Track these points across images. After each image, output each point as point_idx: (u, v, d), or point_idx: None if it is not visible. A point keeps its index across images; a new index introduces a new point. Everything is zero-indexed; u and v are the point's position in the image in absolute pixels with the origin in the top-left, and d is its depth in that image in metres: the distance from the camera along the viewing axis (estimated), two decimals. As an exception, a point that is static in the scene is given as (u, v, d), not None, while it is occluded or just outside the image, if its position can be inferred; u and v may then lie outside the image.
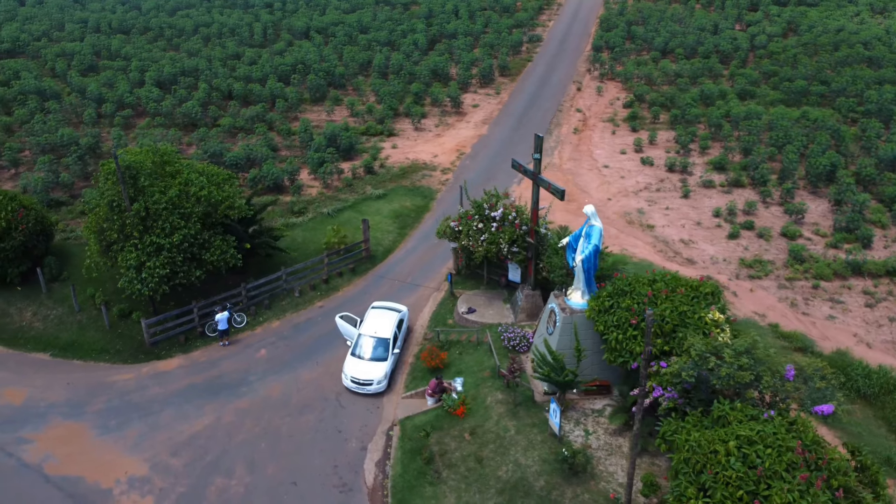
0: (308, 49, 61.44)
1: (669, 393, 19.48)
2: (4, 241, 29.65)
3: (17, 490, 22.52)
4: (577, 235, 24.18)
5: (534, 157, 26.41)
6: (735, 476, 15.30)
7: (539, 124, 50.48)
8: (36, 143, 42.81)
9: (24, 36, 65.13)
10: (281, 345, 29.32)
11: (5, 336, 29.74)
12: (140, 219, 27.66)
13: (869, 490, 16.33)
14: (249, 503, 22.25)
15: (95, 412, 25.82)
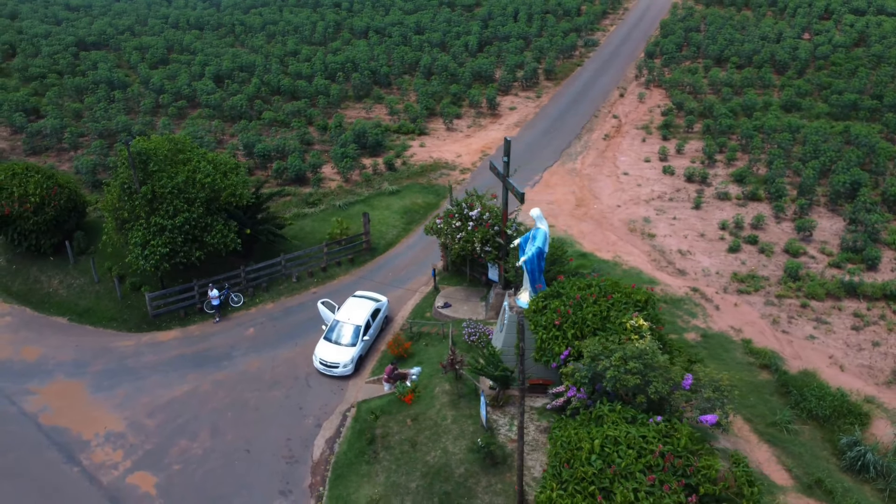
0: (361, 48, 63.87)
1: (581, 394, 20.11)
2: (38, 215, 33.12)
3: (12, 434, 25.52)
4: (527, 237, 24.94)
5: (503, 160, 27.28)
6: (591, 472, 15.95)
7: (570, 129, 50.84)
8: (94, 128, 46.94)
9: (110, 30, 70.77)
10: (269, 325, 31.44)
11: (34, 300, 33.26)
12: (147, 201, 30.39)
13: (752, 499, 16.53)
14: (205, 464, 24.36)
15: (94, 373, 28.68)
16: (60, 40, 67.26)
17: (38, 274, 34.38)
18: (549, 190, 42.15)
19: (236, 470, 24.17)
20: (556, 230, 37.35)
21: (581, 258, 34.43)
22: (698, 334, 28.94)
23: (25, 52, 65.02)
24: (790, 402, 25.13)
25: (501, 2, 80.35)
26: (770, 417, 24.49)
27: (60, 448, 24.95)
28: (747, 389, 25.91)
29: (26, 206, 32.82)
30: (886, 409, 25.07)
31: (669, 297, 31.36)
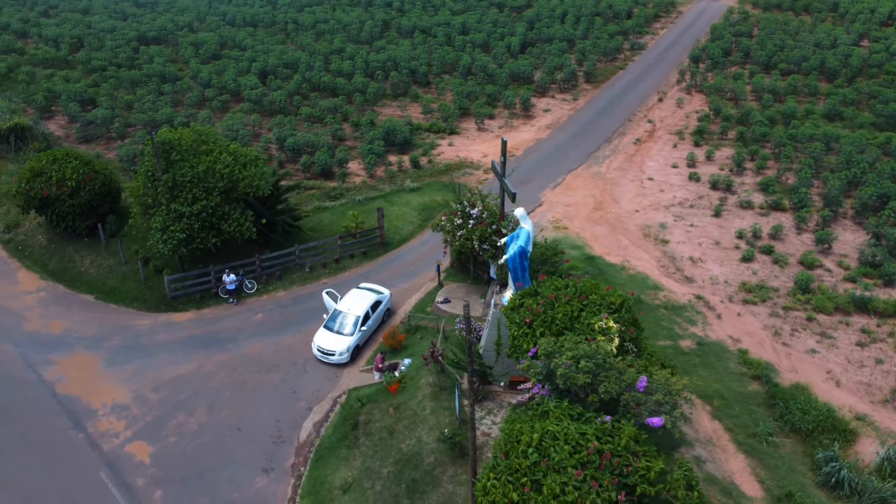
0: (404, 47, 65.04)
1: (544, 391, 20.46)
2: (74, 198, 35.34)
3: (29, 399, 27.51)
4: (513, 237, 25.33)
5: (500, 161, 27.76)
6: (525, 465, 16.38)
7: (602, 133, 50.69)
8: (141, 119, 49.49)
9: (170, 25, 74.13)
10: (277, 312, 32.75)
11: (67, 277, 35.51)
12: (168, 188, 32.11)
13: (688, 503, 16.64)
14: (198, 438, 25.75)
15: (110, 348, 30.54)
16: (123, 35, 70.82)
17: (73, 253, 36.66)
18: (570, 192, 42.23)
19: (226, 445, 25.45)
20: (568, 232, 37.53)
21: (588, 261, 34.54)
22: (694, 342, 28.74)
23: (91, 45, 68.78)
24: (775, 414, 24.77)
25: (551, 3, 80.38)
26: (752, 428, 24.24)
27: (70, 415, 26.76)
28: (734, 399, 25.69)
29: (63, 189, 35.08)
30: (877, 427, 24.43)
31: (671, 304, 31.18)
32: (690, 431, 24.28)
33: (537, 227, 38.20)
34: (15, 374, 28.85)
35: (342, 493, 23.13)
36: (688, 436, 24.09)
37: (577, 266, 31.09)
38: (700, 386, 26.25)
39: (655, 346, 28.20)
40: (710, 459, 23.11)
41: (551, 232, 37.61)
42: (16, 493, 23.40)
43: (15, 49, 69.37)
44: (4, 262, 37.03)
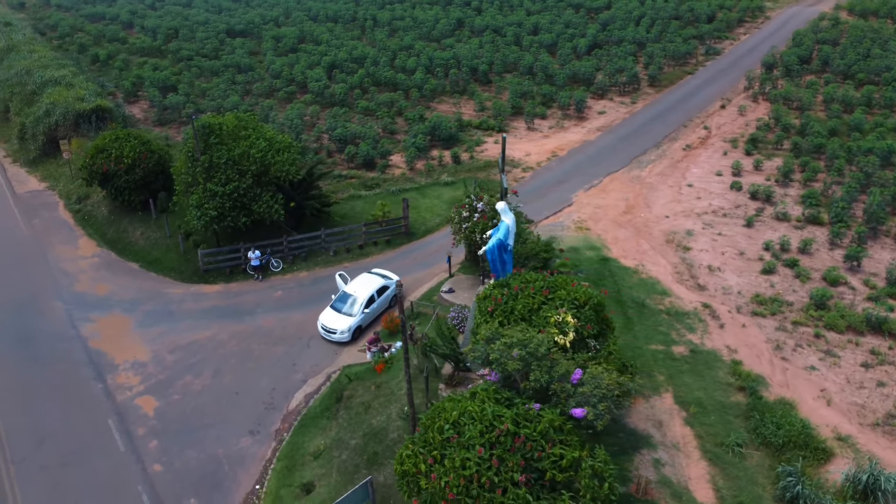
0: (472, 46, 66.15)
1: (495, 376, 21.20)
2: (129, 174, 38.70)
3: (63, 350, 30.67)
4: (497, 230, 26.02)
5: (500, 157, 28.49)
6: (438, 440, 17.28)
7: (652, 137, 50.07)
8: (210, 106, 53.05)
9: (257, 20, 78.46)
10: (296, 290, 34.76)
11: (119, 246, 38.94)
12: (204, 168, 34.71)
13: (591, 493, 17.05)
14: (199, 398, 28.00)
15: (143, 311, 33.43)
16: (214, 27, 75.53)
17: (127, 225, 40.13)
18: (603, 195, 42.17)
19: (222, 407, 27.56)
20: (589, 234, 37.64)
21: (602, 263, 34.62)
22: (688, 349, 28.45)
23: (183, 36, 73.87)
24: (749, 425, 24.35)
25: (629, 6, 79.32)
26: (723, 438, 23.94)
27: (94, 367, 29.67)
28: (713, 408, 25.39)
29: (120, 165, 38.49)
30: (857, 449, 23.55)
31: (674, 310, 30.89)
32: (657, 434, 24.31)
33: (559, 227, 38.56)
34: (57, 327, 32.17)
35: (313, 458, 24.68)
36: (654, 438, 24.15)
37: (572, 264, 31.19)
38: (680, 392, 26.11)
39: (645, 350, 28.27)
40: (670, 463, 23.09)
41: (573, 232, 37.85)
42: (32, 427, 26.36)
43: (118, 38, 75.47)
44: (71, 230, 40.96)
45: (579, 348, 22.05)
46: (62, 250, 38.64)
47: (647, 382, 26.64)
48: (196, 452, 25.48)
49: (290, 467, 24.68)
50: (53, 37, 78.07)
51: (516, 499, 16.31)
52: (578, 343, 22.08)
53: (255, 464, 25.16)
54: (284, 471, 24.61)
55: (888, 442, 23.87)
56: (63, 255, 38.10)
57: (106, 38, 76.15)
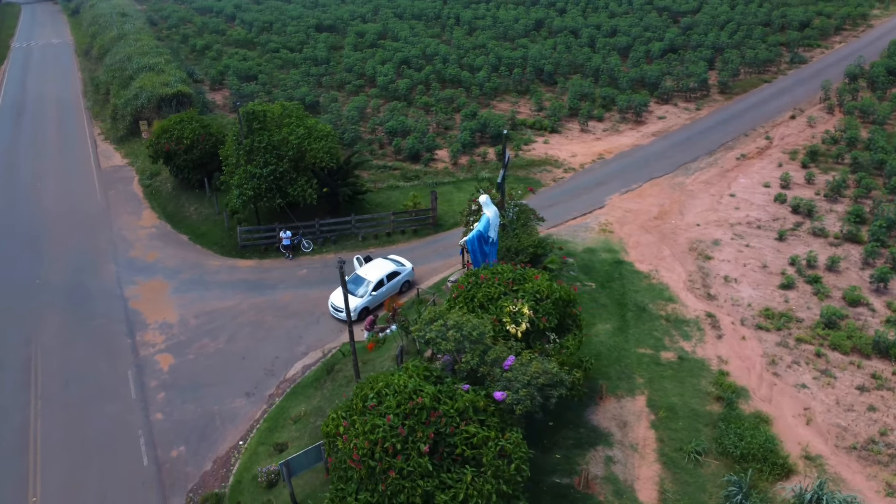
0: (545, 46, 66.54)
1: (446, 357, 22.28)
2: (188, 154, 42.19)
3: (106, 306, 34.14)
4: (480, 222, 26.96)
5: (504, 154, 29.34)
6: (360, 406, 18.61)
7: (706, 145, 49.02)
8: (280, 95, 56.39)
9: (346, 15, 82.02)
10: (320, 270, 36.89)
11: (174, 219, 42.54)
12: (246, 152, 37.47)
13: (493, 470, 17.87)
14: (209, 360, 30.56)
15: (181, 279, 36.56)
16: (305, 22, 79.70)
17: (185, 201, 43.73)
18: (638, 199, 41.88)
19: (227, 369, 29.97)
20: (611, 237, 37.65)
21: (614, 266, 34.68)
22: (677, 355, 28.27)
23: (275, 30, 78.37)
24: (714, 435, 24.13)
25: (718, 10, 77.04)
26: (685, 444, 23.88)
27: (128, 325, 32.92)
28: (685, 415, 25.28)
29: (180, 146, 42.03)
30: (825, 470, 22.85)
31: (675, 317, 30.65)
32: (619, 434, 24.55)
33: (582, 228, 38.77)
34: (105, 286, 35.80)
35: (293, 423, 26.55)
36: (614, 437, 24.43)
37: (558, 262, 31.33)
38: (655, 396, 26.12)
39: (632, 353, 28.37)
40: (623, 462, 23.34)
41: (595, 234, 37.98)
42: (64, 370, 29.73)
43: (218, 30, 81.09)
44: (139, 202, 45.07)
45: (537, 340, 22.77)
46: (126, 220, 42.64)
47: (625, 384, 26.82)
48: (195, 407, 27.97)
49: (272, 428, 26.68)
50: (164, 27, 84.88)
51: (417, 466, 17.39)
52: (536, 334, 22.79)
53: (244, 422, 27.33)
54: (267, 431, 26.63)
55: (860, 466, 23.03)
56: (126, 224, 42.05)
57: (208, 29, 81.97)
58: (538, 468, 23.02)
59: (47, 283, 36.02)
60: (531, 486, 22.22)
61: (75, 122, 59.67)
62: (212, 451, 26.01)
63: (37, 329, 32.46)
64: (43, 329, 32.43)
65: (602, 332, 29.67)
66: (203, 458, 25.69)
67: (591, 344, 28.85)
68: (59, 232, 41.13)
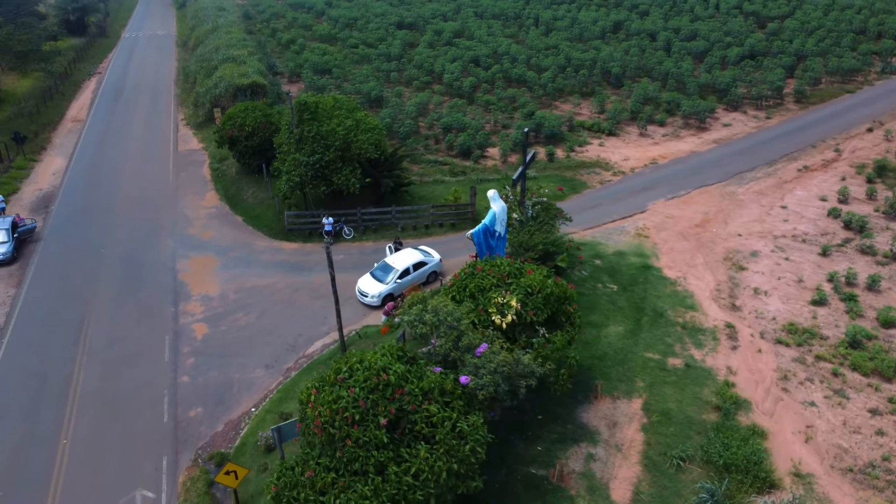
0: (618, 49, 65.87)
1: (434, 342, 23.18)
2: (248, 141, 44.81)
3: (157, 276, 36.92)
4: (492, 217, 27.62)
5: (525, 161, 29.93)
6: (332, 378, 19.83)
7: (767, 155, 47.57)
8: (349, 89, 58.62)
9: (427, 13, 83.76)
10: (356, 257, 38.47)
11: (233, 202, 45.26)
12: (295, 140, 39.53)
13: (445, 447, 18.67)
14: (239, 332, 32.66)
15: (229, 257, 39.00)
16: (387, 19, 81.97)
17: (244, 185, 46.46)
18: (683, 206, 41.21)
19: (253, 342, 31.94)
20: (645, 241, 37.35)
21: (642, 270, 34.51)
22: (684, 363, 27.99)
23: (357, 26, 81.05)
24: (701, 443, 23.88)
25: (810, 16, 73.74)
26: (671, 449, 23.78)
27: (174, 295, 35.55)
28: (678, 421, 25.12)
29: (242, 132, 44.71)
30: (813, 489, 22.21)
31: (692, 325, 30.26)
32: (606, 433, 24.72)
33: (618, 231, 38.59)
34: (160, 259, 38.71)
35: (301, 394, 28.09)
36: (600, 436, 24.64)
37: (568, 262, 31.37)
38: (653, 400, 26.06)
39: (638, 356, 28.35)
40: (604, 461, 23.53)
41: (630, 238, 37.74)
42: (110, 331, 32.53)
43: (306, 25, 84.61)
44: (205, 184, 48.19)
45: (523, 332, 23.30)
46: (191, 200, 45.74)
47: (624, 386, 26.88)
48: (218, 373, 30.04)
49: (283, 399, 28.36)
50: (257, 21, 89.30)
51: (374, 438, 18.42)
52: (524, 327, 23.33)
53: (260, 392, 29.14)
54: (277, 401, 28.34)
55: (852, 490, 22.26)
56: (190, 204, 45.13)
57: (297, 24, 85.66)
58: (517, 458, 23.65)
59: (110, 253, 39.30)
60: (505, 474, 22.93)
61: (163, 107, 64.09)
62: (225, 415, 27.93)
63: (94, 293, 35.58)
64: (99, 293, 35.52)
65: (612, 334, 29.71)
66: (217, 420, 27.64)
67: (599, 345, 29.02)
68: (130, 207, 44.62)
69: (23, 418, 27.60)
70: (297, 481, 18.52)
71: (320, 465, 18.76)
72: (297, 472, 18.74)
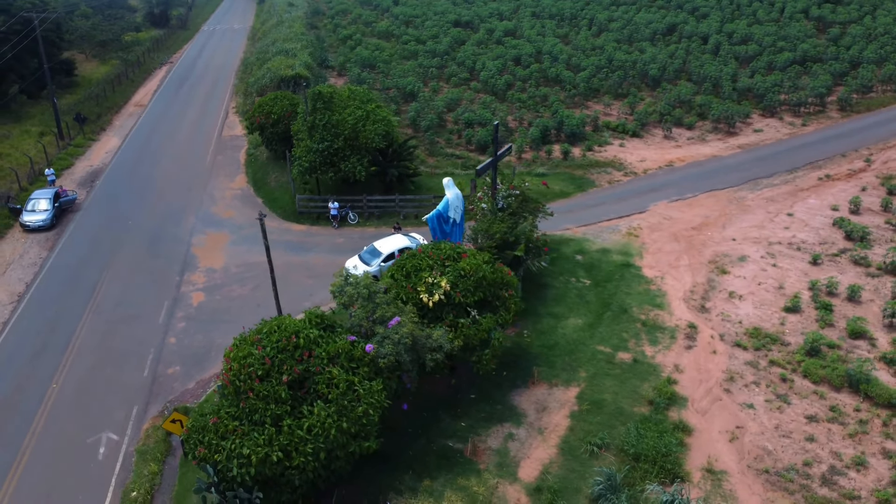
0: (663, 51, 65.18)
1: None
2: (274, 128, 47.55)
3: (171, 248, 40.03)
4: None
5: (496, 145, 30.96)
6: (251, 339, 21.70)
7: (790, 162, 46.45)
8: (387, 84, 60.74)
9: (485, 13, 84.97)
10: (356, 241, 40.37)
11: (258, 184, 48.17)
12: (308, 128, 41.86)
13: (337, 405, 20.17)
14: (231, 301, 35.19)
15: (241, 234, 41.71)
16: (445, 18, 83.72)
17: (270, 169, 49.30)
18: (684, 208, 40.96)
19: (240, 311, 34.32)
20: (633, 241, 37.53)
21: (620, 268, 34.89)
22: (633, 358, 28.32)
23: (416, 24, 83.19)
24: (621, 433, 24.34)
25: (879, 21, 70.39)
26: (592, 438, 24.37)
27: (182, 265, 38.52)
28: (608, 411, 25.62)
29: (268, 120, 47.51)
30: (721, 486, 22.30)
31: (652, 323, 30.46)
32: (533, 416, 25.54)
33: (609, 230, 38.86)
34: (180, 234, 41.87)
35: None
36: (526, 418, 25.50)
37: (530, 250, 31.94)
38: (589, 390, 26.63)
39: (588, 349, 28.93)
40: (521, 441, 24.40)
41: (619, 237, 37.97)
42: (119, 294, 35.70)
43: (368, 22, 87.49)
44: (237, 168, 51.43)
45: (450, 312, 24.45)
46: (221, 182, 48.99)
47: (565, 375, 27.59)
48: (202, 337, 32.59)
49: (252, 364, 30.53)
50: (325, 17, 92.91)
51: (273, 392, 20.16)
52: (452, 307, 24.49)
53: (235, 356, 31.44)
54: (247, 365, 30.54)
55: (762, 490, 22.26)
56: (219, 185, 48.37)
57: (361, 20, 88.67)
58: (440, 431, 24.89)
59: (137, 226, 42.82)
60: (424, 444, 24.23)
61: (219, 95, 68.26)
62: (199, 374, 30.38)
63: (113, 260, 39.00)
64: (117, 260, 38.91)
65: (570, 326, 30.34)
66: (190, 379, 30.12)
67: (553, 334, 29.77)
68: (165, 186, 48.27)
69: (27, 361, 30.98)
70: (205, 426, 20.46)
71: (227, 414, 20.64)
72: (207, 418, 20.69)
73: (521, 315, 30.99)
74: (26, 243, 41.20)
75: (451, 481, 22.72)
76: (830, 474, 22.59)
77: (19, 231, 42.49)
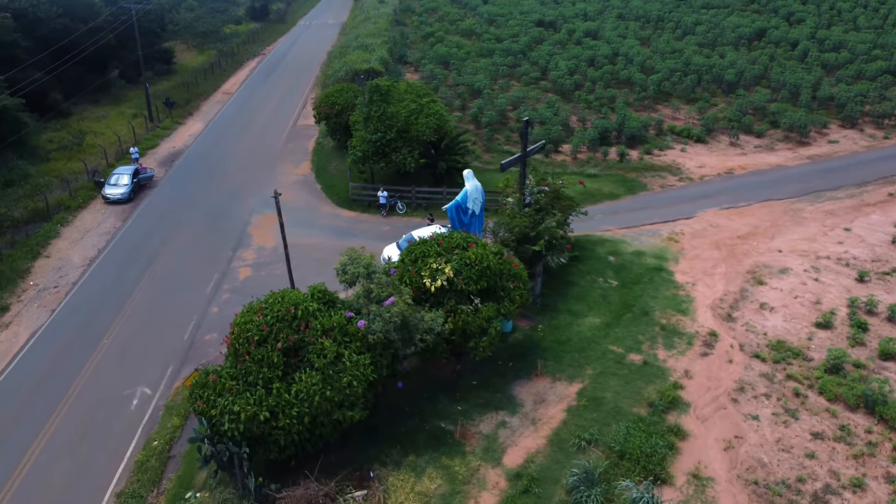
0: (743, 56, 63.11)
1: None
2: (338, 118, 49.55)
3: (230, 226, 42.67)
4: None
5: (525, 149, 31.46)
6: (257, 307, 23.29)
7: (861, 175, 44.49)
8: (457, 80, 61.83)
9: (569, 13, 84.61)
10: (399, 229, 41.57)
11: (319, 172, 50.38)
12: (363, 119, 43.56)
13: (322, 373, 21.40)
14: (271, 279, 37.19)
15: (295, 217, 43.00)
16: (529, 17, 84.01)
17: (333, 158, 51.46)
18: (734, 217, 39.87)
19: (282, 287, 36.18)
20: (672, 245, 36.97)
21: (652, 271, 34.44)
22: (643, 360, 28.13)
23: (499, 22, 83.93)
24: (613, 430, 24.39)
25: None
26: (583, 433, 24.54)
27: (236, 242, 41.05)
28: (607, 410, 25.65)
29: (332, 110, 49.63)
30: (705, 494, 22.01)
31: (673, 328, 30.05)
32: (529, 407, 25.95)
33: (649, 234, 38.42)
34: (239, 213, 44.56)
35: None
36: (522, 409, 25.95)
37: (550, 247, 31.92)
38: (592, 387, 26.74)
39: (601, 347, 28.99)
40: (513, 429, 24.89)
41: (658, 241, 37.47)
42: (176, 265, 38.53)
43: (453, 20, 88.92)
44: (304, 155, 53.94)
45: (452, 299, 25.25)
46: (287, 167, 51.57)
47: (571, 370, 27.77)
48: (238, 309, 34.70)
49: (280, 337, 32.37)
50: (414, 13, 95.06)
51: (267, 357, 21.65)
52: (454, 294, 25.28)
53: (268, 329, 33.40)
54: (276, 338, 32.40)
55: (747, 500, 21.79)
56: (284, 171, 50.94)
57: (447, 18, 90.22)
58: (435, 412, 25.76)
59: (202, 204, 45.86)
60: (417, 423, 25.19)
61: (302, 86, 71.42)
62: (230, 342, 32.47)
63: (176, 233, 42.05)
64: (177, 234, 41.92)
65: (586, 324, 30.43)
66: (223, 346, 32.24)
67: (568, 330, 29.97)
68: (235, 169, 51.29)
69: (87, 318, 34.13)
70: (206, 382, 22.20)
71: (227, 374, 22.31)
72: (210, 376, 22.43)
73: (540, 310, 31.47)
74: (105, 214, 45.00)
75: (435, 459, 23.53)
76: (823, 493, 21.85)
77: (101, 203, 46.43)
